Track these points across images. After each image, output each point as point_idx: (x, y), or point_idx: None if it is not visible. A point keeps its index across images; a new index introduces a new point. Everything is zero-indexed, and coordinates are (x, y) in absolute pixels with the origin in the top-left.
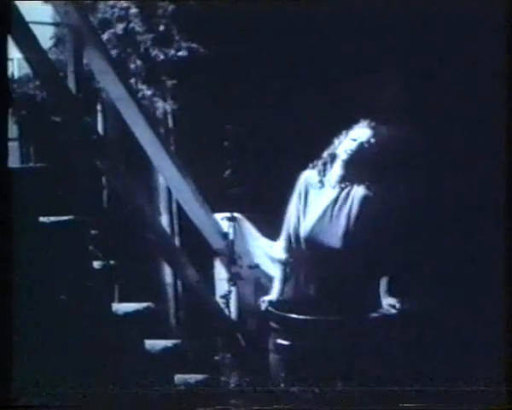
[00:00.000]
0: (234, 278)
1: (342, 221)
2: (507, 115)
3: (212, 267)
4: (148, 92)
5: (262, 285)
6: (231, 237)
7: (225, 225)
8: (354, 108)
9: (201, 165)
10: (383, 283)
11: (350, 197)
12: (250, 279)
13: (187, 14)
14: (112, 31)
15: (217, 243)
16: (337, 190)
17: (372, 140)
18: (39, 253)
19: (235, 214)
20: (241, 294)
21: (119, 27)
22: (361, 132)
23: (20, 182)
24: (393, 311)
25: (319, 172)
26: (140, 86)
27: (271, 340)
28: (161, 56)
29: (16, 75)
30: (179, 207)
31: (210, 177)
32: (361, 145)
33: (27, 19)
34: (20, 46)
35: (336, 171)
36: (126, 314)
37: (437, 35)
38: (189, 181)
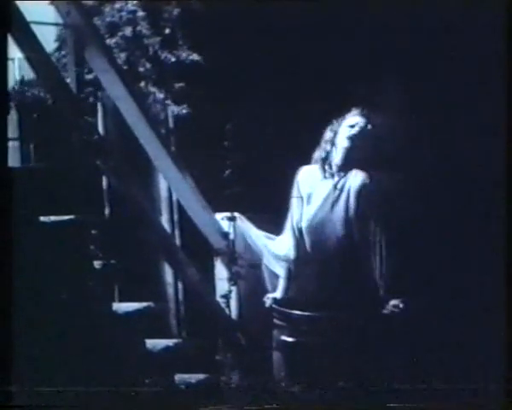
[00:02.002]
0: (234, 278)
1: (342, 211)
2: (505, 110)
3: (212, 267)
4: (150, 93)
5: (265, 284)
6: (232, 236)
7: (226, 225)
8: (347, 98)
9: (201, 164)
10: (386, 280)
11: (347, 186)
12: (253, 278)
13: (192, 17)
14: (116, 32)
15: (217, 242)
16: (336, 179)
17: (367, 128)
18: (40, 253)
19: (237, 214)
20: (244, 292)
21: (125, 30)
22: (355, 121)
23: (20, 182)
24: (396, 310)
25: (317, 163)
26: (141, 86)
27: (274, 338)
28: (165, 58)
29: (16, 75)
30: (180, 207)
31: (210, 176)
32: (356, 134)
33: (28, 19)
34: (21, 46)
35: (334, 161)
36: (127, 314)
37: (433, 30)
38: (189, 181)
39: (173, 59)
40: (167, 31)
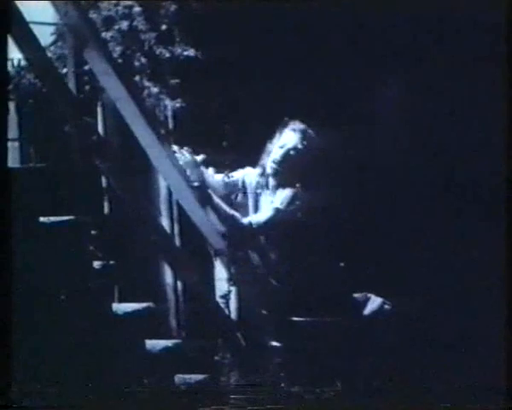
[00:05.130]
0: (234, 278)
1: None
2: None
3: (212, 267)
4: (150, 92)
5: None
6: None
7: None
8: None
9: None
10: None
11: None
12: None
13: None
14: (115, 28)
15: (217, 242)
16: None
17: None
18: (39, 253)
19: None
20: None
21: (123, 26)
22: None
23: (20, 182)
24: (384, 309)
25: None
26: (141, 86)
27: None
28: (164, 56)
29: (16, 75)
30: (179, 207)
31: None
32: (289, 150)
33: (27, 18)
34: (20, 46)
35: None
36: (126, 314)
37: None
38: (188, 181)
39: (169, 55)
40: (163, 27)
